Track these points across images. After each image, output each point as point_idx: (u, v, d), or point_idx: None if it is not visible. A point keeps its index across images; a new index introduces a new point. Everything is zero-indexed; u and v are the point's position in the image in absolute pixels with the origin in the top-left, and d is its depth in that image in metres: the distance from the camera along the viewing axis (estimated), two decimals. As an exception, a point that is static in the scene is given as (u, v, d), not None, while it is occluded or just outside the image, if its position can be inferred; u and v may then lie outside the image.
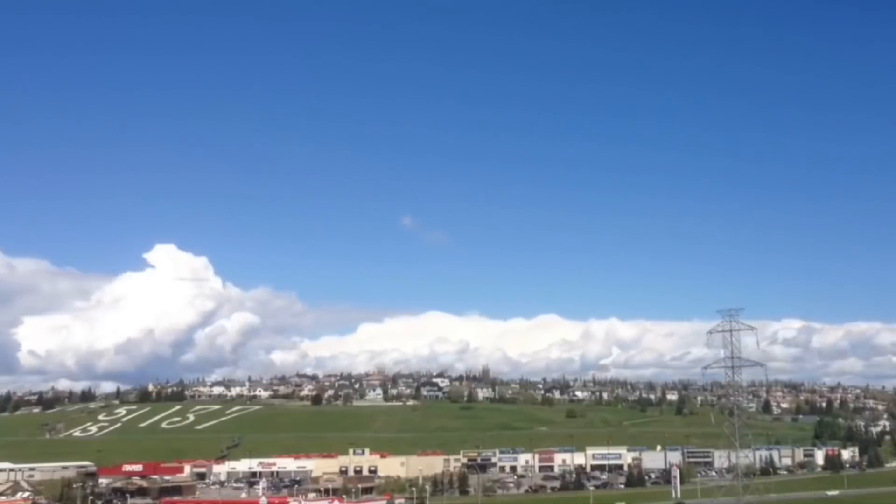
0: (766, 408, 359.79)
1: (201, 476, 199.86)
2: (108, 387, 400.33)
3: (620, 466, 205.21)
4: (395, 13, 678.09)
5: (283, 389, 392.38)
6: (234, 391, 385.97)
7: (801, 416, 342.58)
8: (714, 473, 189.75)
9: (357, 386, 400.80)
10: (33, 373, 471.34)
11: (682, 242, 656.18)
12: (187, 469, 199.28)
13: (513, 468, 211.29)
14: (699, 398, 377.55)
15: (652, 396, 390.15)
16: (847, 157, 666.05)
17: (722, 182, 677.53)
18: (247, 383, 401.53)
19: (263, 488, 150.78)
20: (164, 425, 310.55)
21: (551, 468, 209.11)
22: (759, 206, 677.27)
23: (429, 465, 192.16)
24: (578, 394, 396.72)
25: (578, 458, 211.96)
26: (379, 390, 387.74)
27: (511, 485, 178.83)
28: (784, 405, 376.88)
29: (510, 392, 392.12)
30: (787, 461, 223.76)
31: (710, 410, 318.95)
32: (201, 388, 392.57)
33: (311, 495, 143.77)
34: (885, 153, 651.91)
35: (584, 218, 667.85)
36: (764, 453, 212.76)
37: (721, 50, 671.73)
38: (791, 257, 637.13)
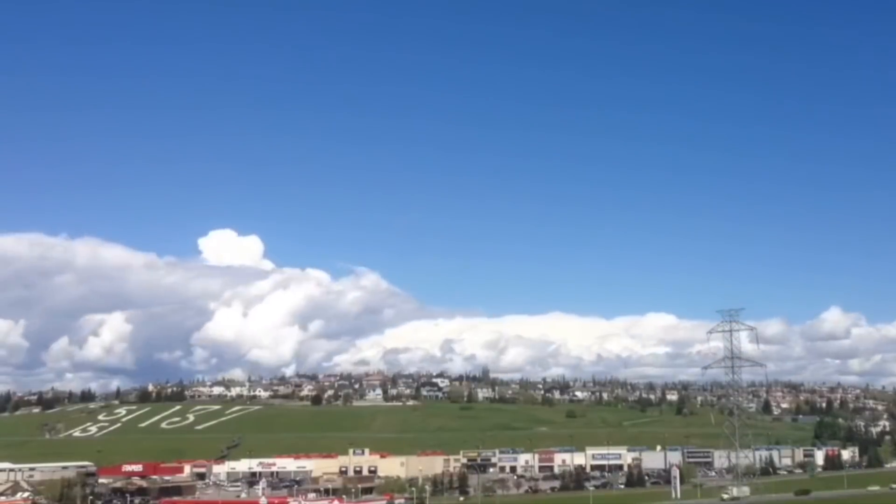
0: (766, 408, 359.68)
1: (201, 476, 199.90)
2: (112, 384, 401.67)
3: (620, 466, 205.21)
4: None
5: (282, 389, 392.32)
6: (234, 391, 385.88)
7: (801, 417, 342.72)
8: (714, 473, 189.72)
9: (357, 386, 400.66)
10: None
11: (693, 239, 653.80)
12: (187, 469, 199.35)
13: (513, 468, 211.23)
14: (699, 398, 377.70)
15: (652, 396, 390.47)
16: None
17: (729, 177, 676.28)
18: (246, 383, 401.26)
19: (263, 488, 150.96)
20: (163, 425, 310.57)
21: (551, 468, 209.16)
22: (758, 202, 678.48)
23: (429, 465, 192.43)
24: (578, 394, 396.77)
25: (578, 459, 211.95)
26: (379, 390, 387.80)
27: (511, 485, 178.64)
28: (784, 405, 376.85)
29: (510, 392, 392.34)
30: (787, 461, 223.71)
31: (710, 410, 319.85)
32: (201, 389, 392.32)
33: (311, 495, 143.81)
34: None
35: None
36: (764, 453, 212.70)
37: (729, 42, 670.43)
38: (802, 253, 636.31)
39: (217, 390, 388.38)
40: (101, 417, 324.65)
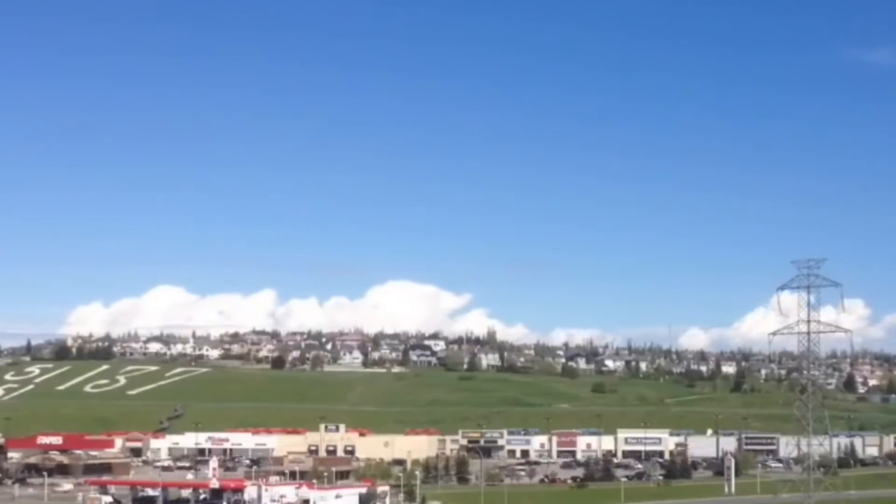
0: (850, 384, 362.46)
1: (136, 452, 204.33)
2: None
3: (660, 454, 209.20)
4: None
5: (236, 349, 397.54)
6: (176, 349, 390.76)
7: (893, 396, 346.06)
8: (778, 464, 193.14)
9: (329, 347, 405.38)
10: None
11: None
12: (119, 443, 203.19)
13: (524, 453, 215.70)
14: (763, 371, 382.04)
15: (703, 368, 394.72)
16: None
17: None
18: (191, 340, 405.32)
19: (214, 469, 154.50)
20: (88, 388, 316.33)
21: (573, 454, 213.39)
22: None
23: (418, 446, 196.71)
24: (609, 363, 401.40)
25: (607, 443, 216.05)
26: (357, 353, 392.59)
27: (522, 473, 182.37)
28: (873, 381, 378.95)
29: (523, 359, 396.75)
30: (872, 451, 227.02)
31: (777, 387, 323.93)
32: (134, 345, 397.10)
33: (274, 478, 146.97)
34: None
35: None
36: (844, 441, 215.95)
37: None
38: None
39: (154, 347, 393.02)
40: (8, 377, 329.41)
